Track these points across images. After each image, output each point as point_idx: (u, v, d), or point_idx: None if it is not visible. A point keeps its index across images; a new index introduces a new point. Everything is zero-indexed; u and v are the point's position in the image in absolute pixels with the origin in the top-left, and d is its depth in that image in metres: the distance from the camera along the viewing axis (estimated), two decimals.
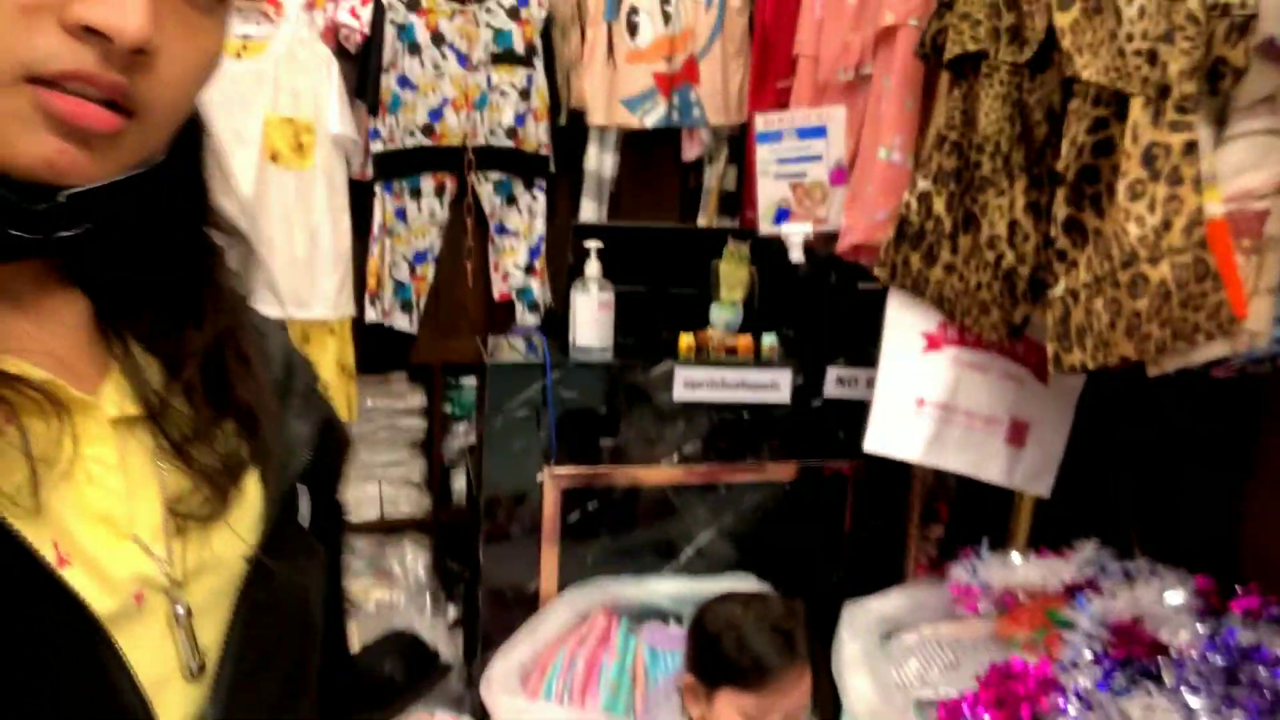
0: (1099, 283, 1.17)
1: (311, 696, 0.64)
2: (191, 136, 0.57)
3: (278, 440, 0.62)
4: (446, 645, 2.28)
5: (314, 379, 0.69)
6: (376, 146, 2.35)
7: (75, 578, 0.49)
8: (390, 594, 2.51)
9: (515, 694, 1.71)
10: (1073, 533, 1.58)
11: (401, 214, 2.42)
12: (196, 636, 0.54)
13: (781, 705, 1.16)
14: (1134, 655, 1.30)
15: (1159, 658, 1.28)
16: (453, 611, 2.60)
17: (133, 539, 0.53)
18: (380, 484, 2.67)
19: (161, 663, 0.53)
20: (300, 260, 2.33)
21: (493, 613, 1.95)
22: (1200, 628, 1.27)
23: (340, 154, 2.36)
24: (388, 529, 2.70)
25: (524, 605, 1.93)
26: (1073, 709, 1.25)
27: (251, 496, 0.59)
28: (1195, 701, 1.20)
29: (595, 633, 1.85)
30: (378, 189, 2.38)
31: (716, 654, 1.22)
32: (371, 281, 2.40)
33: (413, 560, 2.62)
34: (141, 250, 0.56)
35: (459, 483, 2.76)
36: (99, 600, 0.50)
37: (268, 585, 0.58)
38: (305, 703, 0.62)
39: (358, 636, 2.30)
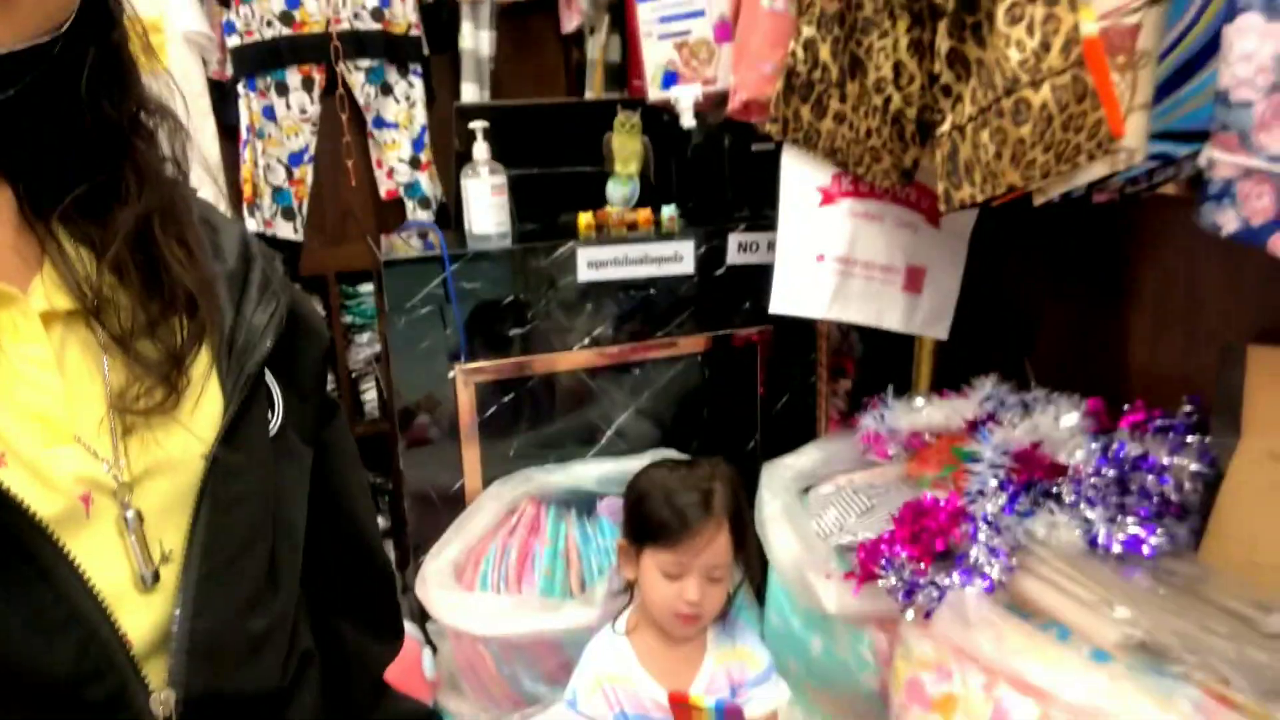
0: (983, 114, 1.16)
1: (284, 604, 0.61)
2: (101, 8, 0.53)
3: (234, 331, 0.59)
4: None
5: (275, 270, 0.65)
6: (233, 40, 2.18)
7: (12, 478, 0.46)
8: None
9: (450, 589, 1.71)
10: (972, 373, 1.62)
11: (269, 113, 2.27)
12: (149, 543, 0.52)
13: (698, 561, 1.19)
14: (1035, 478, 1.36)
15: (1058, 478, 1.35)
16: (380, 523, 2.59)
17: (75, 439, 0.50)
18: None
19: (118, 569, 0.51)
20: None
21: (420, 517, 1.93)
22: (1093, 445, 1.34)
23: (194, 53, 2.19)
24: None
25: (450, 506, 1.91)
26: (982, 535, 1.30)
27: (208, 392, 0.57)
28: (1092, 514, 1.27)
29: (524, 522, 1.86)
30: (240, 88, 2.22)
31: (640, 515, 1.24)
32: (247, 189, 2.27)
33: None
34: (62, 131, 0.52)
35: (370, 394, 2.70)
36: (41, 503, 0.47)
37: (231, 483, 0.56)
38: (275, 608, 0.60)
39: None
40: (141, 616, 0.52)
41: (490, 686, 1.69)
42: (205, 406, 0.57)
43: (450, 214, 2.30)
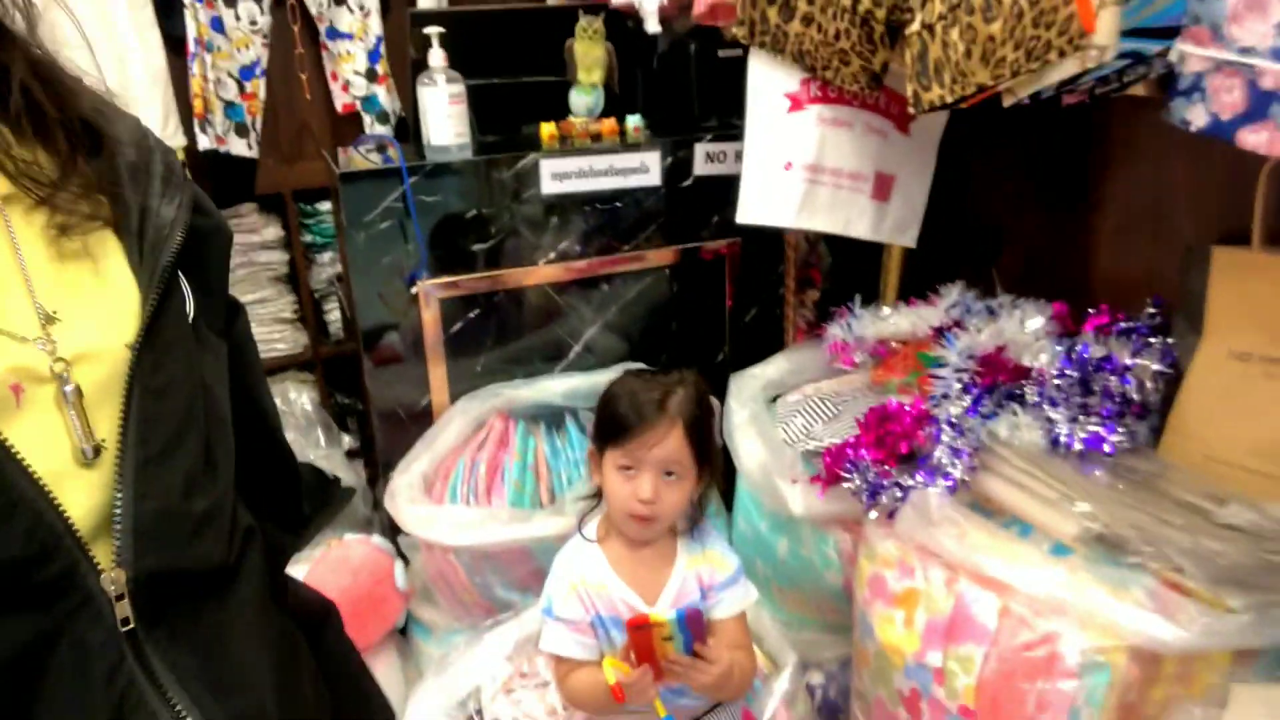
0: (953, 11, 1.14)
1: (224, 484, 0.63)
2: None
3: (143, 223, 0.60)
4: (345, 471, 2.27)
5: (175, 162, 0.65)
6: None
7: None
8: None
9: (420, 503, 1.72)
10: (940, 282, 1.63)
11: (218, 24, 2.17)
12: (90, 423, 0.54)
13: (650, 455, 1.19)
14: (999, 381, 1.37)
15: (1022, 381, 1.36)
16: (348, 441, 2.58)
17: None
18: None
19: (55, 451, 0.53)
20: (112, 90, 2.09)
21: (388, 435, 1.92)
22: (1057, 348, 1.35)
23: None
24: (267, 371, 2.60)
25: (418, 422, 1.91)
26: (945, 436, 1.32)
27: (124, 282, 0.58)
28: (1055, 414, 1.28)
29: (493, 437, 1.86)
30: None
31: (602, 416, 1.25)
32: (197, 104, 2.19)
33: (298, 397, 2.55)
34: None
35: (334, 314, 2.66)
36: None
37: (159, 372, 0.57)
38: (216, 489, 0.62)
39: None
40: (83, 498, 0.54)
41: (462, 595, 1.71)
42: (124, 296, 0.58)
43: (410, 128, 2.24)
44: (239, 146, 2.29)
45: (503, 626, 1.59)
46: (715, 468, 1.29)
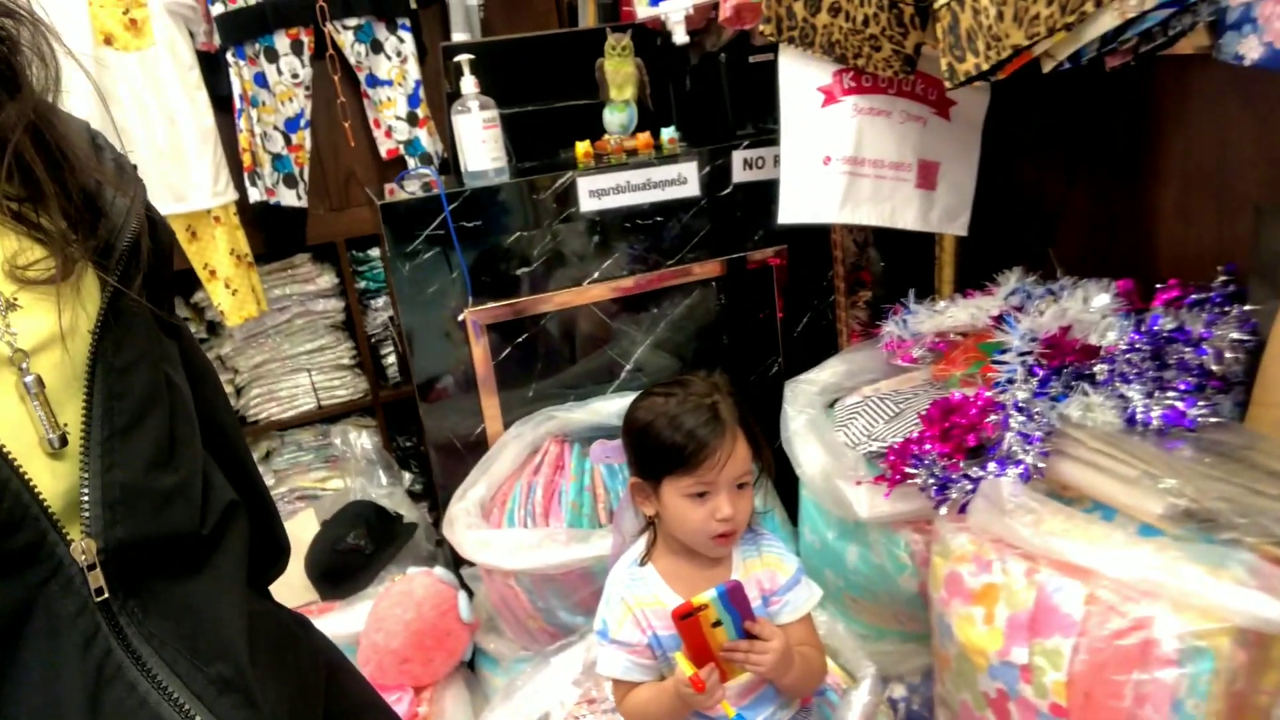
0: None
1: (191, 459, 0.64)
2: None
3: (100, 208, 0.61)
4: (408, 509, 2.27)
5: (127, 160, 0.67)
6: (217, 9, 2.15)
7: None
8: (345, 479, 2.47)
9: (478, 528, 1.70)
10: (997, 271, 1.56)
11: (261, 80, 2.24)
12: (54, 410, 0.55)
13: (723, 476, 1.15)
14: (1067, 363, 1.31)
15: (1091, 361, 1.29)
16: (409, 479, 2.59)
17: None
18: (310, 373, 2.59)
19: (20, 440, 0.53)
20: (164, 150, 2.17)
21: (445, 466, 1.92)
22: (1126, 324, 1.28)
23: (180, 24, 2.16)
24: (328, 418, 2.64)
25: (473, 451, 1.90)
26: (1014, 422, 1.25)
27: (88, 270, 0.59)
28: (1129, 391, 1.21)
29: (549, 460, 1.84)
30: (229, 57, 2.20)
31: (650, 448, 1.19)
32: (246, 159, 2.25)
33: (359, 440, 2.57)
34: None
35: (390, 358, 2.69)
36: None
37: (120, 351, 0.59)
38: (183, 464, 0.63)
39: (318, 520, 2.21)
40: (52, 482, 0.55)
41: (526, 621, 1.68)
42: (85, 285, 0.59)
43: (451, 164, 2.26)
44: (288, 197, 2.35)
45: (568, 651, 1.55)
46: (766, 452, 1.23)
